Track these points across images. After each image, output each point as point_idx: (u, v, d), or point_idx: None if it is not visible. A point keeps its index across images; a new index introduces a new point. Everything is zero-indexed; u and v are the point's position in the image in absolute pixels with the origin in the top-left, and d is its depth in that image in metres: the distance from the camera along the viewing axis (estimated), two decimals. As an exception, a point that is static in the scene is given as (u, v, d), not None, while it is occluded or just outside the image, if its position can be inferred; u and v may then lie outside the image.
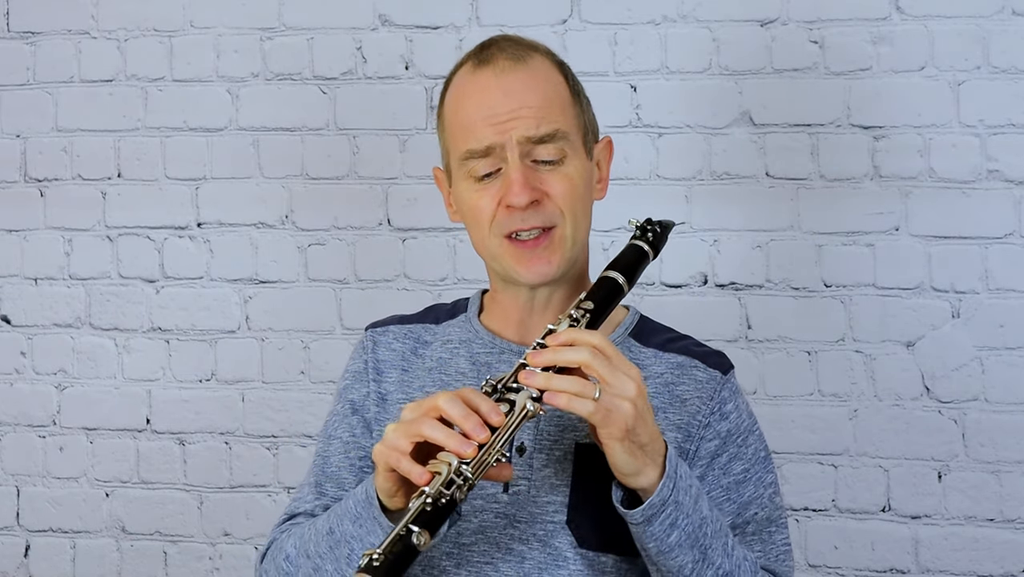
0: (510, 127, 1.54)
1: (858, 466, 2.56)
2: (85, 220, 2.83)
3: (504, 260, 1.58)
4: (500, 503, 1.55)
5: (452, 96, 1.62)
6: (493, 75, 1.57)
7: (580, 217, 1.58)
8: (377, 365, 1.69)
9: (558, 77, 1.61)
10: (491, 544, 1.54)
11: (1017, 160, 2.50)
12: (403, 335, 1.71)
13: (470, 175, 1.58)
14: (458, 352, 1.66)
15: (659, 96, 2.62)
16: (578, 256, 1.61)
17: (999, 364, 2.51)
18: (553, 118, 1.56)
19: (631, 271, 1.54)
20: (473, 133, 1.56)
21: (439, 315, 1.73)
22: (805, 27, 2.57)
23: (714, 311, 2.60)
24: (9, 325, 2.87)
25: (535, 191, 1.54)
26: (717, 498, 1.56)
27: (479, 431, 1.35)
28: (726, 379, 1.61)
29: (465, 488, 1.35)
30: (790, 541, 1.61)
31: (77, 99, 2.84)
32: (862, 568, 2.56)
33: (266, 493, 2.77)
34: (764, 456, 1.61)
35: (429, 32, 2.70)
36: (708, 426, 1.57)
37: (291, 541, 1.57)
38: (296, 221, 2.76)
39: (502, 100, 1.55)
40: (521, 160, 1.54)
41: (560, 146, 1.56)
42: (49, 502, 2.85)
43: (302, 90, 2.75)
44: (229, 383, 2.78)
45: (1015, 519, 2.51)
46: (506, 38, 1.64)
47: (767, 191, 2.59)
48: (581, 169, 1.59)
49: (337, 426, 1.69)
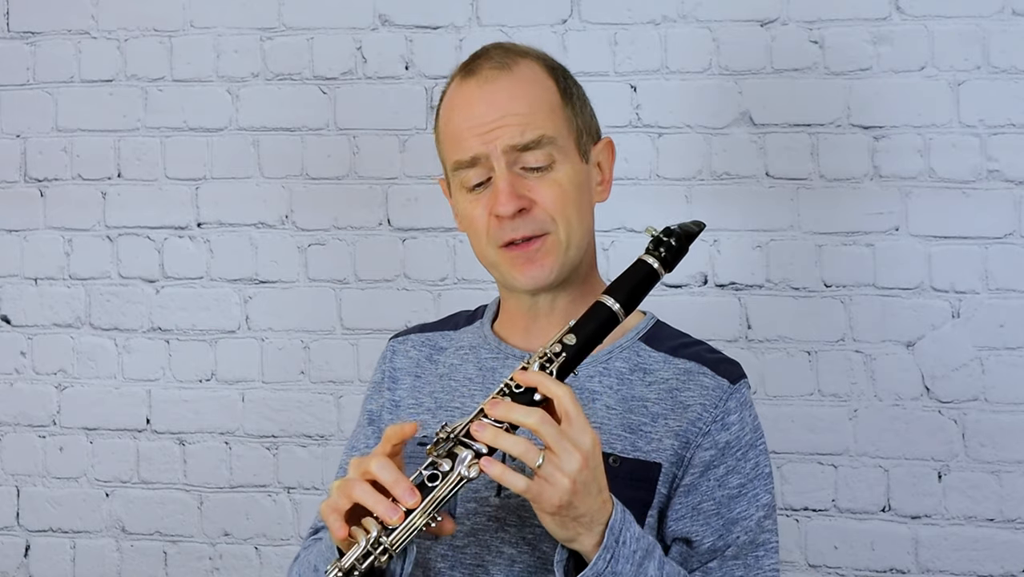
0: (494, 136, 1.54)
1: (858, 466, 2.56)
2: (85, 220, 2.83)
3: (502, 267, 1.58)
4: (492, 506, 1.54)
5: (443, 108, 1.64)
6: (477, 85, 1.58)
7: (575, 222, 1.57)
8: (393, 374, 1.72)
9: (547, 81, 1.60)
10: (482, 547, 1.54)
11: (1017, 160, 2.50)
12: (421, 343, 1.73)
13: (463, 186, 1.59)
14: (468, 358, 1.67)
15: (659, 96, 2.62)
16: (579, 260, 1.60)
17: (999, 364, 2.51)
18: (538, 124, 1.55)
19: (633, 295, 1.48)
20: (460, 144, 1.57)
21: (458, 321, 1.75)
22: (805, 27, 2.57)
23: (714, 311, 2.60)
24: (9, 325, 2.87)
25: (522, 199, 1.53)
26: (706, 511, 1.53)
27: (407, 497, 1.34)
28: (734, 388, 1.58)
29: (384, 558, 1.34)
30: (779, 568, 1.57)
31: (77, 99, 2.84)
32: (862, 568, 2.56)
33: (266, 493, 2.77)
34: (765, 474, 1.57)
35: (429, 32, 2.70)
36: (707, 434, 1.54)
37: (297, 568, 1.61)
38: (296, 221, 2.76)
39: (486, 110, 1.55)
40: (508, 169, 1.54)
41: (547, 152, 1.55)
42: (49, 502, 2.85)
43: (302, 90, 2.75)
44: (229, 383, 2.78)
45: (1015, 519, 2.51)
46: (497, 46, 1.64)
47: (767, 191, 2.59)
48: (572, 174, 1.57)
49: (357, 437, 1.73)
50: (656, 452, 1.54)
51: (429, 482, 1.36)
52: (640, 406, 1.57)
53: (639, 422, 1.55)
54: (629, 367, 1.60)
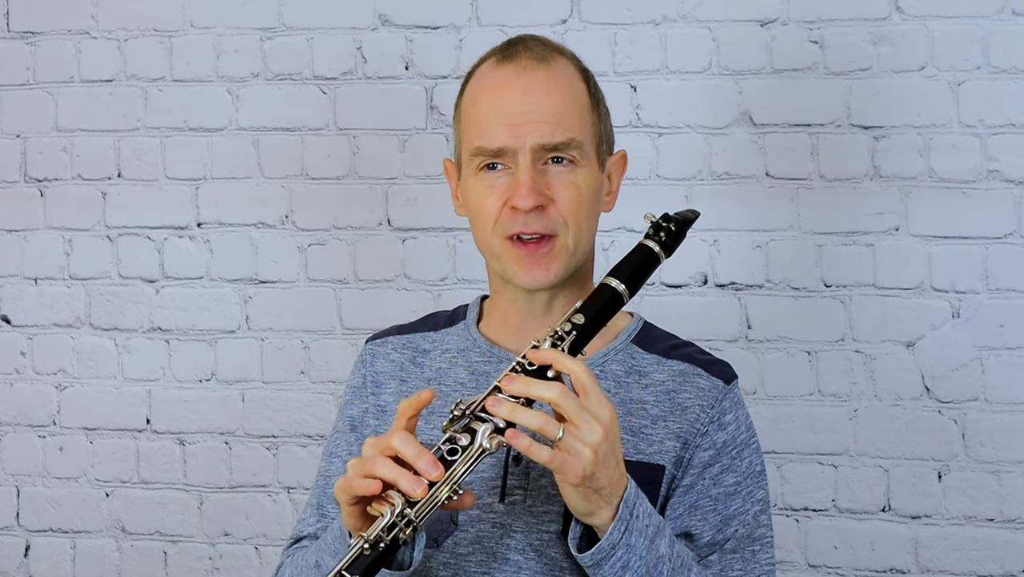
0: (525, 131, 1.52)
1: (858, 466, 2.56)
2: (85, 220, 2.83)
3: (504, 260, 1.57)
4: (496, 512, 1.54)
5: (472, 88, 1.61)
6: (514, 72, 1.56)
7: (584, 228, 1.57)
8: (375, 378, 1.68)
9: (580, 83, 1.59)
10: (487, 554, 1.53)
11: (1017, 160, 2.50)
12: (401, 345, 1.70)
13: (480, 168, 1.56)
14: (456, 362, 1.65)
15: (659, 96, 2.62)
16: (579, 264, 1.60)
17: (999, 364, 2.51)
18: (569, 125, 1.54)
19: (636, 277, 1.49)
20: (488, 131, 1.54)
21: (438, 322, 1.72)
22: (805, 27, 2.57)
23: (714, 311, 2.60)
24: (9, 325, 2.87)
25: (541, 196, 1.53)
26: (703, 508, 1.54)
27: (431, 469, 1.34)
28: (728, 389, 1.59)
29: (408, 531, 1.34)
30: (775, 561, 1.59)
31: (77, 99, 2.84)
32: (862, 568, 2.56)
33: (266, 493, 2.77)
34: (758, 472, 1.59)
35: (429, 32, 2.70)
36: (705, 435, 1.55)
37: (288, 571, 1.58)
38: (296, 221, 2.76)
39: (520, 99, 1.54)
40: (533, 163, 1.53)
41: (573, 155, 1.54)
42: (49, 502, 2.85)
43: (302, 90, 2.75)
44: (229, 383, 2.78)
45: (1015, 519, 2.51)
46: (534, 38, 1.62)
47: (767, 191, 2.59)
48: (590, 179, 1.57)
49: (338, 444, 1.69)
50: (658, 454, 1.55)
51: (449, 456, 1.36)
52: (639, 409, 1.57)
53: (640, 425, 1.56)
54: (625, 370, 1.60)
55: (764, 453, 2.57)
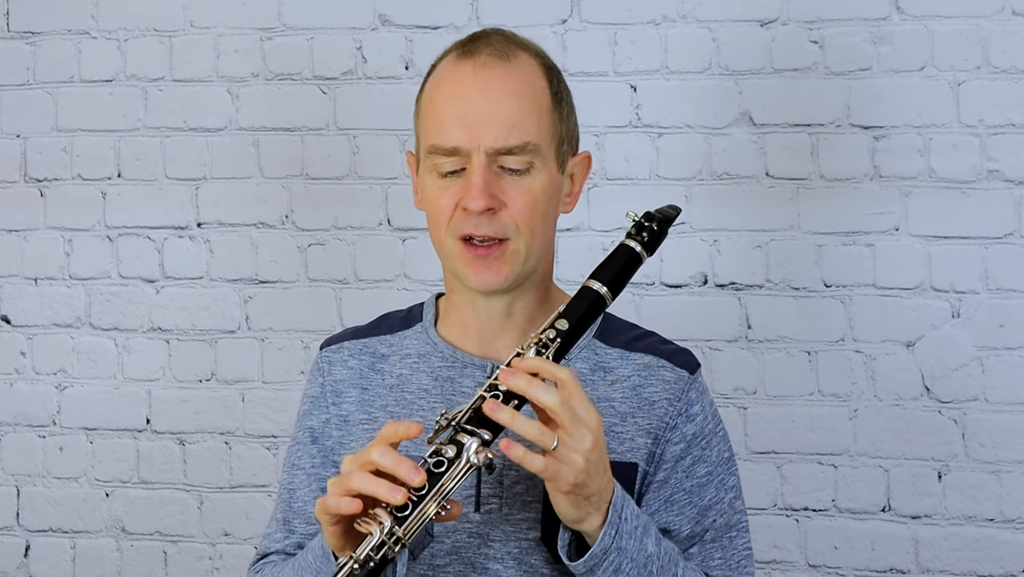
0: (480, 133, 1.49)
1: (858, 466, 2.56)
2: (85, 220, 2.83)
3: (455, 261, 1.54)
4: (472, 522, 1.52)
5: (432, 83, 1.57)
6: (472, 69, 1.52)
7: (537, 232, 1.53)
8: (335, 387, 1.63)
9: (542, 81, 1.55)
10: (465, 564, 1.52)
11: (1017, 160, 2.50)
12: (358, 351, 1.65)
13: (435, 169, 1.53)
14: (418, 368, 1.60)
15: (659, 96, 2.62)
16: (534, 268, 1.56)
17: (999, 364, 2.51)
18: (526, 128, 1.50)
19: (618, 279, 1.47)
20: (442, 129, 1.51)
21: (393, 324, 1.67)
22: (805, 27, 2.57)
23: (714, 311, 2.60)
24: (9, 325, 2.87)
25: (493, 199, 1.49)
26: (679, 501, 1.54)
27: (413, 476, 1.32)
28: (693, 379, 1.58)
29: (397, 548, 1.33)
30: (751, 545, 1.59)
31: (77, 99, 2.84)
32: (862, 568, 2.56)
33: (266, 493, 2.77)
34: (727, 458, 1.58)
35: (429, 32, 2.70)
36: (675, 428, 1.55)
37: None
38: (296, 221, 2.76)
39: (477, 99, 1.50)
40: (487, 165, 1.49)
41: (528, 159, 1.51)
42: (49, 502, 2.85)
43: (302, 90, 2.75)
44: (229, 383, 2.78)
45: (1015, 519, 2.51)
46: (498, 32, 1.59)
47: (767, 191, 2.59)
48: (547, 183, 1.53)
49: (301, 455, 1.65)
50: (631, 452, 1.54)
51: (435, 469, 1.35)
52: (607, 407, 1.55)
53: (609, 424, 1.54)
54: (589, 367, 1.58)
55: (764, 453, 2.59)
